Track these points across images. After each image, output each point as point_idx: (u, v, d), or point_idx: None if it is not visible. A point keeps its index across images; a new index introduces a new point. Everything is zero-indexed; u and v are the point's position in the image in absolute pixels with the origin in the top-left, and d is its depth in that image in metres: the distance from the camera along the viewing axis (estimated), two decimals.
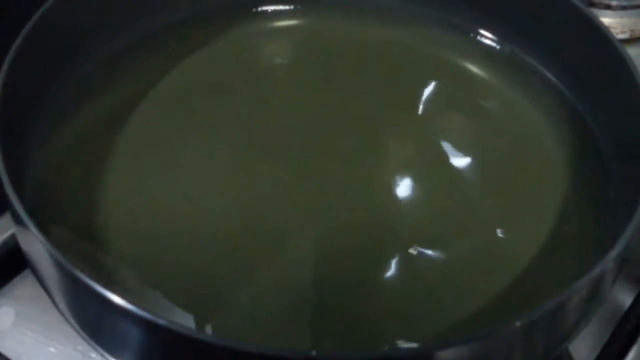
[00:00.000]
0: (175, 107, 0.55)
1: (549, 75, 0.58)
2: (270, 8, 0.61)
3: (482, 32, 0.60)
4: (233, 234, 0.49)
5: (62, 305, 0.44)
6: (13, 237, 0.50)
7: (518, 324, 0.39)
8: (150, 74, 0.56)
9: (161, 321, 0.38)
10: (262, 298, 0.46)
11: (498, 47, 0.60)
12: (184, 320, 0.45)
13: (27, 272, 0.50)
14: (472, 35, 0.60)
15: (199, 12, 0.59)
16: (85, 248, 0.48)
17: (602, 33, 0.53)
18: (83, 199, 0.50)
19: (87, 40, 0.54)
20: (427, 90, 0.58)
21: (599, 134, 0.54)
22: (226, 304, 0.46)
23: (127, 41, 0.57)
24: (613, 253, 0.42)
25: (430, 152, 0.55)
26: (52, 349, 0.48)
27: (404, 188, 0.53)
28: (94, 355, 0.47)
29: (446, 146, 0.55)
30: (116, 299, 0.38)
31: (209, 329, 0.45)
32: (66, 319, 0.44)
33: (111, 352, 0.42)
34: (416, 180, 0.53)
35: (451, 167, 0.54)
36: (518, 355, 0.41)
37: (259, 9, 0.61)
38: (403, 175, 0.53)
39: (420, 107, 0.57)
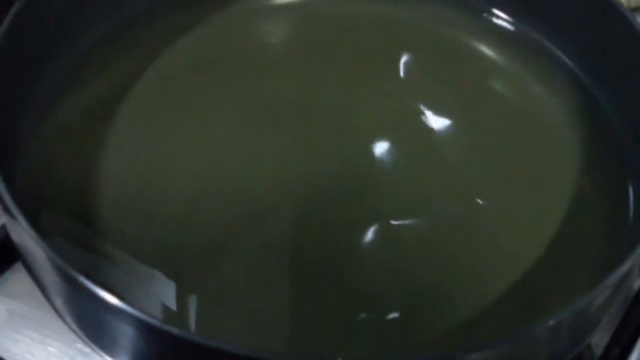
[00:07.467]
0: (172, 84, 0.55)
1: (562, 55, 0.57)
2: None
3: (495, 11, 0.59)
4: (221, 206, 0.49)
5: (58, 303, 0.43)
6: (1, 228, 0.48)
7: (549, 323, 0.38)
8: (147, 52, 0.56)
9: (165, 326, 0.37)
10: (245, 269, 0.47)
11: (510, 27, 0.59)
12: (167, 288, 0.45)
13: (17, 266, 0.48)
14: (484, 14, 0.59)
15: None
16: (76, 228, 0.47)
17: (616, 9, 0.52)
18: (75, 182, 0.49)
19: (79, 21, 0.54)
20: (435, 69, 0.57)
21: (613, 116, 0.54)
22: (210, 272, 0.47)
23: (123, 18, 0.56)
24: None
25: (437, 129, 0.54)
26: (50, 348, 0.47)
27: (399, 160, 0.52)
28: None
29: (453, 125, 0.54)
30: (112, 300, 0.37)
31: (193, 299, 0.45)
32: (62, 318, 0.43)
33: (108, 351, 0.42)
34: (416, 156, 0.53)
35: (458, 145, 0.53)
36: (543, 354, 0.41)
37: None
38: (402, 149, 0.53)
39: (427, 84, 0.56)
